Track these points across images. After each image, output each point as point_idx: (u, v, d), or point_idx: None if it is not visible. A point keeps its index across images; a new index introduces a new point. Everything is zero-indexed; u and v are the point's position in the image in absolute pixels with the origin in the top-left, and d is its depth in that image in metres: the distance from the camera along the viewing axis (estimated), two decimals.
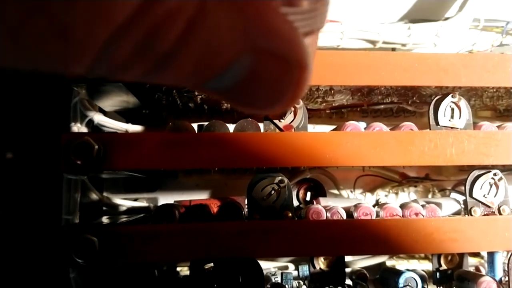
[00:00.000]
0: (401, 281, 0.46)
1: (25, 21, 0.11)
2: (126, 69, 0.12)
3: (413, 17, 0.57)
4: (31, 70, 0.12)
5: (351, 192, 0.57)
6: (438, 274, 0.47)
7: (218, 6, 0.12)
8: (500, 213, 0.42)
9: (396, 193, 0.57)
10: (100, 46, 0.11)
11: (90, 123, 0.49)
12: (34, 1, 0.11)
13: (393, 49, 0.54)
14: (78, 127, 0.48)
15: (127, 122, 0.51)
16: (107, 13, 0.11)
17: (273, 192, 0.41)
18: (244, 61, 0.13)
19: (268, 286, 0.46)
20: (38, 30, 0.11)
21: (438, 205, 0.46)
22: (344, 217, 0.42)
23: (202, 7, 0.12)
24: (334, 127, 0.53)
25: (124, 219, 0.48)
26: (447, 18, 0.55)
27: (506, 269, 0.44)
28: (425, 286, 0.48)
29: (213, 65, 0.13)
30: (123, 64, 0.12)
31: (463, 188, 0.44)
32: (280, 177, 0.40)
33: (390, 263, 0.55)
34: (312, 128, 0.54)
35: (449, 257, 0.48)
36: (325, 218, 0.41)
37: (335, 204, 0.44)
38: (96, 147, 0.37)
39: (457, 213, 0.48)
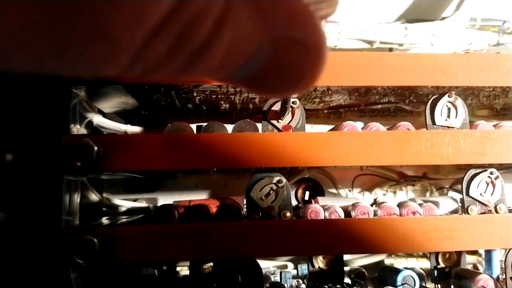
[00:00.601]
0: (399, 280, 0.46)
1: (67, 22, 0.11)
2: (159, 67, 0.13)
3: (410, 17, 0.57)
4: (70, 74, 0.12)
5: (349, 191, 0.57)
6: (436, 272, 0.48)
7: (241, 2, 0.13)
8: (496, 212, 0.42)
9: (394, 192, 0.58)
10: (137, 47, 0.12)
11: (90, 125, 0.49)
12: (75, 2, 0.11)
13: (390, 49, 0.55)
14: (78, 129, 0.49)
15: (126, 123, 0.51)
16: (143, 13, 0.11)
17: (271, 192, 0.41)
18: (265, 49, 0.14)
19: (267, 285, 0.47)
20: (79, 32, 0.11)
21: (436, 203, 0.46)
22: (342, 216, 0.42)
23: (228, 4, 0.13)
24: (331, 127, 0.53)
25: (124, 220, 0.48)
26: (443, 18, 0.56)
27: (503, 266, 0.45)
28: (423, 284, 0.48)
29: (237, 56, 0.14)
30: (157, 62, 0.13)
31: (460, 186, 0.44)
32: (278, 177, 0.41)
33: (388, 261, 0.55)
34: (310, 128, 0.54)
35: (447, 255, 0.48)
36: (323, 217, 0.42)
37: (333, 204, 0.44)
38: (96, 148, 0.37)
39: (455, 211, 0.48)
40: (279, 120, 0.42)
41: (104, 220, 0.49)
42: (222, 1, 0.12)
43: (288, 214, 0.41)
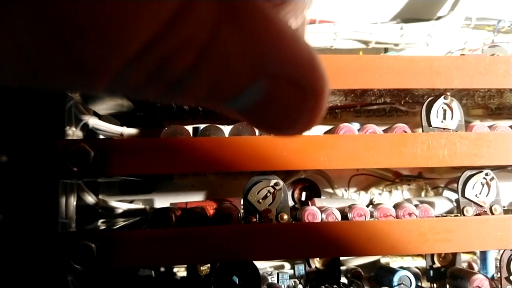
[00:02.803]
0: (396, 280, 0.46)
1: (42, 53, 0.11)
2: (141, 92, 0.13)
3: (405, 16, 0.57)
4: (49, 90, 0.13)
5: (346, 190, 0.57)
6: (431, 272, 0.48)
7: (230, 35, 0.12)
8: (492, 213, 0.43)
9: (390, 191, 0.58)
10: (113, 75, 0.12)
11: (85, 127, 0.49)
12: (51, 33, 0.11)
13: (386, 49, 0.55)
14: (73, 131, 0.48)
15: (121, 125, 0.51)
16: (120, 46, 0.11)
17: (268, 194, 0.41)
18: (259, 85, 0.13)
19: (265, 286, 0.47)
20: (54, 62, 0.11)
21: (431, 204, 0.46)
22: (339, 218, 0.42)
23: (213, 37, 0.12)
24: (327, 127, 0.53)
25: (120, 222, 0.48)
26: (439, 17, 0.56)
27: (498, 265, 0.45)
28: (419, 284, 0.49)
29: (227, 90, 0.13)
30: (137, 88, 0.13)
31: (455, 185, 0.44)
32: (275, 180, 0.41)
33: (384, 260, 0.56)
34: None
35: (442, 255, 0.49)
36: (320, 220, 0.42)
37: (330, 205, 0.45)
38: (92, 153, 0.37)
39: (450, 211, 0.49)
40: None
41: (100, 223, 0.49)
42: (206, 35, 0.12)
43: (286, 216, 0.41)
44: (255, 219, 0.41)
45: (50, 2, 0.10)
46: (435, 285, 0.48)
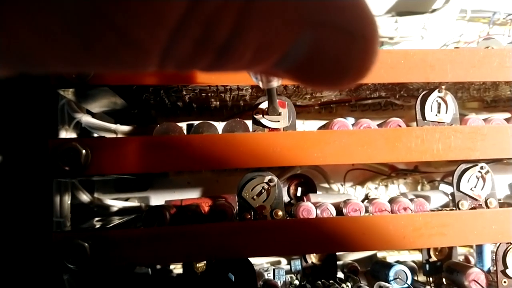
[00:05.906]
0: (392, 274, 0.46)
1: (89, 31, 0.11)
2: (192, 62, 0.13)
3: (400, 9, 0.56)
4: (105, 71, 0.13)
5: (342, 185, 0.57)
6: (427, 266, 0.48)
7: None
8: (487, 206, 0.42)
9: (386, 186, 0.58)
10: (162, 46, 0.12)
11: (78, 125, 0.49)
12: (94, 9, 0.11)
13: (381, 43, 0.54)
14: (66, 129, 0.48)
15: (115, 122, 0.51)
16: (161, 15, 0.11)
17: (263, 191, 0.41)
18: (305, 38, 0.13)
19: (261, 283, 0.47)
20: (101, 40, 0.11)
21: (427, 198, 0.46)
22: (334, 213, 0.42)
23: None
24: (323, 122, 0.53)
25: (116, 220, 0.48)
26: (434, 10, 0.55)
27: (494, 258, 0.45)
28: (415, 278, 0.49)
29: (273, 48, 0.13)
30: (188, 58, 0.13)
31: (451, 179, 0.44)
32: (269, 176, 0.41)
33: (381, 254, 0.56)
34: (301, 123, 0.54)
35: (439, 248, 0.49)
36: (315, 215, 0.42)
37: (324, 201, 0.44)
38: (84, 152, 0.37)
39: (446, 205, 0.49)
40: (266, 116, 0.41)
41: (96, 221, 0.49)
42: None
43: (280, 213, 0.40)
44: (249, 216, 0.40)
45: None
46: (431, 278, 0.48)
